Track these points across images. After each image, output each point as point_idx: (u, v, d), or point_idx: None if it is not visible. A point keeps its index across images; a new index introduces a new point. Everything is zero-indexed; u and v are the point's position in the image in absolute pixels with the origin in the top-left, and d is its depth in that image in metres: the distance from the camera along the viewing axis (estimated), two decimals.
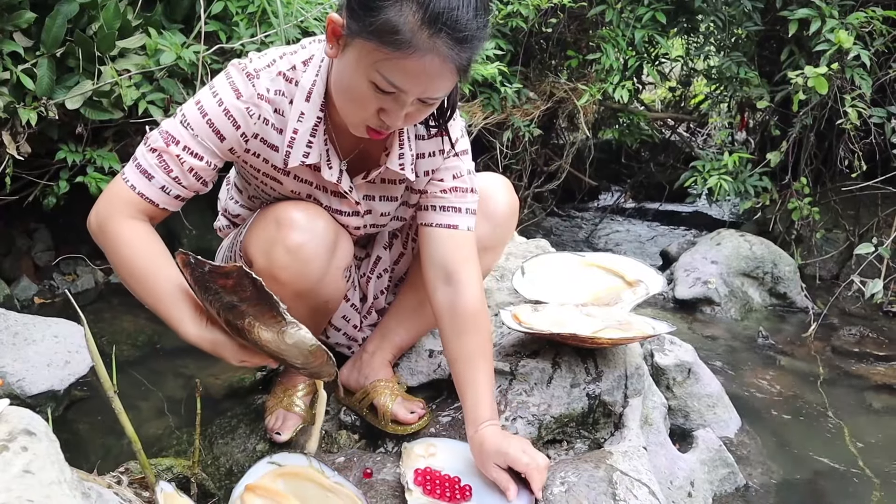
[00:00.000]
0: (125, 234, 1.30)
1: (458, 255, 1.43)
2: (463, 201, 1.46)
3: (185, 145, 1.30)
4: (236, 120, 1.31)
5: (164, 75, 2.39)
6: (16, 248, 2.88)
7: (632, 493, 1.38)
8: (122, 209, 1.30)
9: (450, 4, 1.08)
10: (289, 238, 1.36)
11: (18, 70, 2.15)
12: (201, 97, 1.32)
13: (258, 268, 1.41)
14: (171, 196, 1.33)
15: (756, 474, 1.88)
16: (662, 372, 1.96)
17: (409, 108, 1.19)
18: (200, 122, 1.30)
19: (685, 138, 4.94)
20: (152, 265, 1.28)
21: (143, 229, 1.31)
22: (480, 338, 1.42)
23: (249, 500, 1.32)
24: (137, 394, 2.08)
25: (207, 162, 1.32)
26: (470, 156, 1.49)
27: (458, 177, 1.46)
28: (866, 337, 2.83)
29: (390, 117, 1.20)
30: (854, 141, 3.08)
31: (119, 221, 1.30)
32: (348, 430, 1.66)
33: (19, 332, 1.96)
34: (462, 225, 1.45)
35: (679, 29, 3.82)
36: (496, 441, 1.34)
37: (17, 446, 0.98)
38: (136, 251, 1.29)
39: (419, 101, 1.19)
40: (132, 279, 1.30)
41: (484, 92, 3.39)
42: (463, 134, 1.47)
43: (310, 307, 1.46)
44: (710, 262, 3.14)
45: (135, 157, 1.33)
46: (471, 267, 1.44)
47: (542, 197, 4.32)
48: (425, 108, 1.21)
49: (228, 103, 1.30)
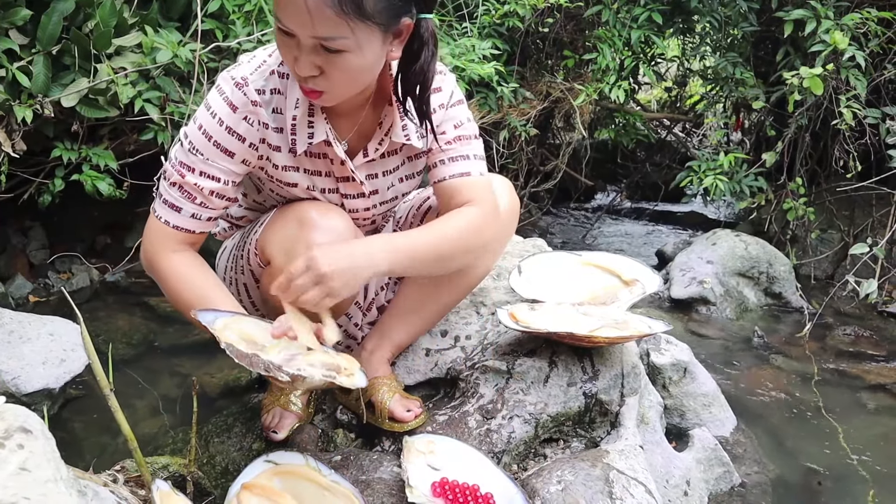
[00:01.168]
0: (171, 269, 1.38)
1: (472, 195, 1.42)
2: (469, 148, 1.44)
3: (201, 171, 1.34)
4: (240, 134, 1.33)
5: (160, 73, 2.38)
6: (10, 246, 2.87)
7: (628, 491, 1.39)
8: (164, 244, 1.38)
9: None
10: (312, 238, 1.36)
11: (14, 67, 2.14)
12: (201, 119, 1.34)
13: (276, 266, 1.42)
14: (204, 220, 1.39)
15: (751, 473, 1.89)
16: (659, 371, 1.96)
17: (312, 54, 1.17)
18: (207, 146, 1.33)
19: (681, 138, 4.95)
20: (198, 298, 1.35)
21: (187, 261, 1.38)
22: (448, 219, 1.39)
23: (246, 499, 1.32)
24: (133, 392, 2.08)
25: (225, 182, 1.36)
26: (466, 104, 1.47)
27: (460, 126, 1.44)
28: (861, 337, 2.84)
29: (298, 65, 1.20)
30: (849, 141, 3.09)
31: (164, 257, 1.38)
32: (345, 429, 1.66)
33: (14, 329, 1.95)
34: (474, 171, 1.43)
35: (675, 29, 3.83)
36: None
37: (14, 444, 0.98)
38: (183, 285, 1.37)
39: (322, 48, 1.16)
40: (183, 310, 1.37)
41: (480, 91, 3.39)
42: (455, 85, 1.46)
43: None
44: (705, 262, 3.15)
45: (160, 193, 1.39)
46: (484, 196, 1.42)
47: (539, 196, 4.32)
48: (333, 56, 1.17)
49: (228, 120, 1.32)
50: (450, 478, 1.38)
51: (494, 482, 1.39)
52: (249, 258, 1.51)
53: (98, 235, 3.11)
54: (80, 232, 3.05)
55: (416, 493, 1.32)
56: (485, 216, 1.42)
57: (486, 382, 1.61)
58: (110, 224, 3.11)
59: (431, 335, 1.76)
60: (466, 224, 1.39)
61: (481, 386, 1.61)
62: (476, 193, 1.42)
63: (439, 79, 1.41)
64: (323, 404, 1.73)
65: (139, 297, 2.76)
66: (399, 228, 1.65)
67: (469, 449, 1.47)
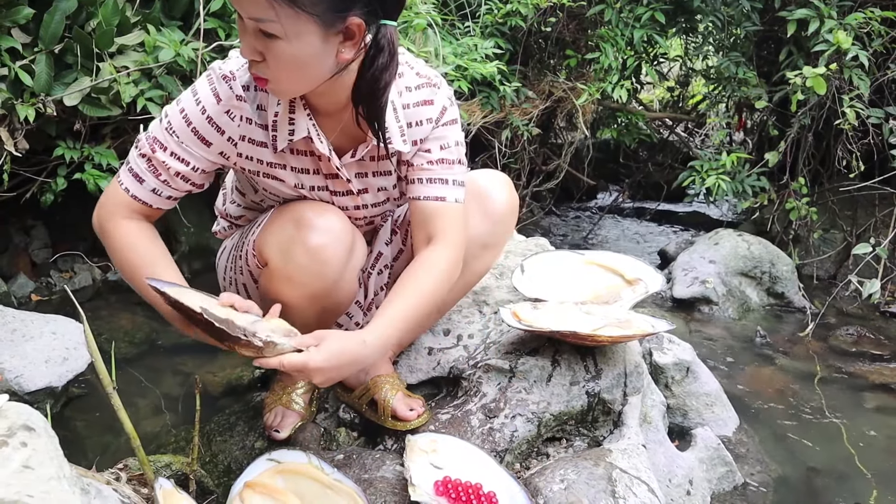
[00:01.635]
0: (121, 234, 1.38)
1: (443, 225, 1.42)
2: (450, 173, 1.43)
3: (172, 151, 1.35)
4: (220, 126, 1.34)
5: (162, 72, 2.38)
6: (13, 245, 2.87)
7: (631, 490, 1.38)
8: (118, 210, 1.38)
9: None
10: (309, 239, 1.36)
11: (16, 66, 2.14)
12: (185, 104, 1.34)
13: (273, 267, 1.42)
14: (163, 197, 1.39)
15: (754, 472, 1.89)
16: (661, 370, 1.96)
17: (252, 37, 1.17)
18: (185, 131, 1.34)
19: (683, 138, 4.94)
20: (143, 263, 1.36)
21: (137, 229, 1.38)
22: (421, 278, 1.38)
23: (248, 498, 1.32)
24: (135, 391, 2.08)
25: (194, 167, 1.37)
26: (459, 126, 1.46)
27: (446, 147, 1.43)
28: (863, 337, 2.84)
29: (242, 47, 1.21)
30: (852, 141, 3.09)
31: (116, 222, 1.38)
32: (347, 428, 1.66)
33: (17, 328, 1.95)
34: (450, 197, 1.43)
35: (678, 29, 3.82)
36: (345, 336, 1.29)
37: (17, 442, 0.98)
38: (130, 251, 1.37)
39: (260, 33, 1.16)
40: (127, 275, 1.39)
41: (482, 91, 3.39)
42: (452, 103, 1.44)
43: (322, 308, 1.47)
44: (707, 262, 3.14)
45: (128, 161, 1.40)
46: (452, 235, 1.43)
47: (541, 196, 4.32)
48: (269, 42, 1.16)
49: (210, 110, 1.33)
50: (452, 476, 1.38)
51: (497, 481, 1.39)
52: (248, 258, 1.51)
53: None
54: (83, 231, 3.05)
55: (418, 492, 1.32)
56: (451, 263, 1.42)
57: (489, 381, 1.61)
58: None
59: (434, 334, 1.76)
60: (435, 282, 1.39)
61: (484, 385, 1.61)
62: (446, 225, 1.42)
63: (429, 91, 1.40)
64: (325, 403, 1.73)
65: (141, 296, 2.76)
66: (397, 228, 1.65)
67: (472, 448, 1.47)
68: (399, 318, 1.34)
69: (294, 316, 1.50)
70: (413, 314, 1.36)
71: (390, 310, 1.34)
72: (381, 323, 1.32)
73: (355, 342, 1.27)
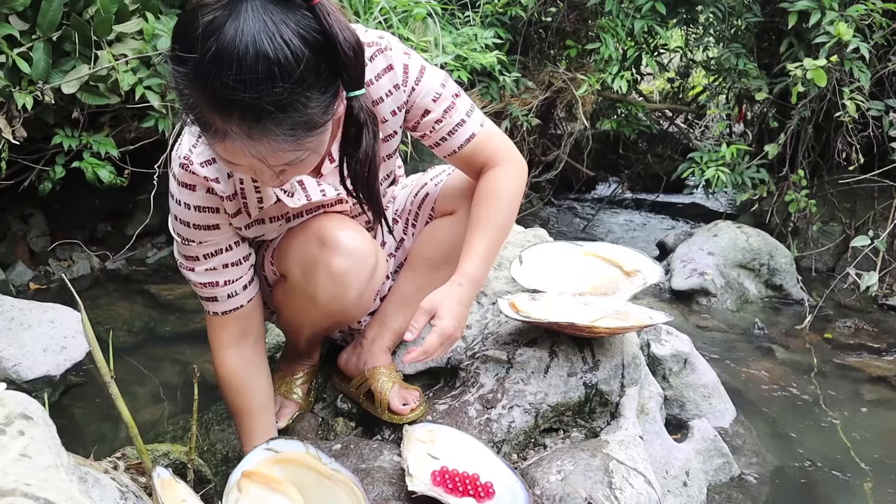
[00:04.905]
0: (220, 371, 1.47)
1: (489, 152, 1.42)
2: (458, 113, 1.40)
3: (204, 254, 1.36)
4: (210, 207, 1.33)
5: (161, 61, 2.37)
6: (11, 234, 2.87)
7: (627, 481, 1.39)
8: (219, 337, 1.45)
9: (228, 81, 0.97)
10: (333, 263, 1.36)
11: (14, 53, 2.13)
12: (174, 211, 1.34)
13: (294, 281, 1.43)
14: (241, 287, 1.41)
15: (750, 464, 1.89)
16: (659, 362, 1.96)
17: (278, 171, 1.11)
18: (193, 233, 1.34)
19: (683, 129, 4.94)
20: (237, 411, 1.50)
21: (238, 364, 1.46)
22: (489, 210, 1.40)
23: (246, 487, 1.32)
24: (133, 380, 2.08)
25: (227, 247, 1.38)
26: (430, 67, 1.39)
27: (438, 98, 1.38)
28: (861, 329, 2.84)
29: (263, 181, 1.16)
30: (852, 134, 3.08)
31: (219, 354, 1.46)
32: (345, 418, 1.66)
33: (15, 317, 1.95)
34: (476, 129, 1.41)
35: (678, 20, 3.81)
36: (441, 290, 1.37)
37: (15, 430, 0.98)
38: (229, 390, 1.48)
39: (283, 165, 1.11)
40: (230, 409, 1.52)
41: (482, 81, 3.38)
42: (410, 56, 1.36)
43: (336, 321, 1.51)
44: (706, 254, 3.14)
45: (198, 296, 1.43)
46: (501, 154, 1.43)
47: (540, 187, 4.32)
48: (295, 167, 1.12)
49: (193, 201, 1.31)
50: (450, 467, 1.38)
51: (494, 471, 1.39)
52: (264, 264, 1.51)
53: (98, 223, 3.11)
54: (81, 219, 3.05)
55: (415, 482, 1.32)
56: (512, 176, 1.43)
57: (487, 372, 1.61)
58: (111, 212, 3.11)
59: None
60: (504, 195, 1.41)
61: (482, 375, 1.61)
62: (490, 149, 1.42)
63: (383, 59, 1.32)
64: (323, 393, 1.74)
65: (140, 285, 2.77)
66: (398, 217, 1.64)
67: (469, 438, 1.47)
68: (482, 255, 1.39)
69: (306, 326, 1.53)
70: (494, 245, 1.41)
71: (474, 249, 1.39)
72: (469, 264, 1.38)
73: (457, 293, 1.36)
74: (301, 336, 1.60)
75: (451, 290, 1.36)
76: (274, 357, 1.85)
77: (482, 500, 1.33)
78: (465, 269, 1.38)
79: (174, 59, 1.01)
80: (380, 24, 2.78)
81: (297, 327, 1.57)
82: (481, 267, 1.39)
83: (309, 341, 1.63)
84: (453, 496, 1.32)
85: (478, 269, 1.39)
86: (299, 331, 1.58)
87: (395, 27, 2.79)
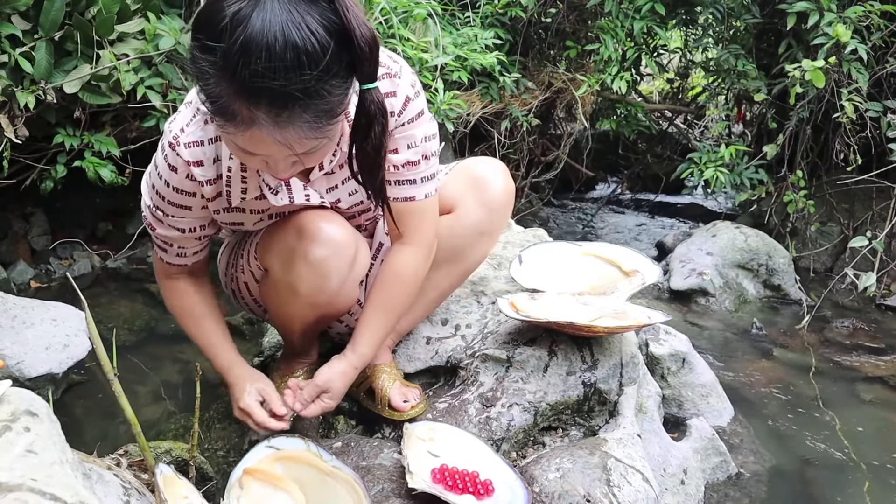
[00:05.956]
0: (169, 295, 1.54)
1: (414, 223, 1.45)
2: (417, 172, 1.40)
3: (168, 224, 1.39)
4: (187, 191, 1.34)
5: (162, 60, 2.38)
6: (12, 232, 2.88)
7: (626, 479, 1.40)
8: (162, 272, 1.52)
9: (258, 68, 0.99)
10: (311, 252, 1.36)
11: (16, 53, 2.14)
12: (153, 180, 1.35)
13: (275, 276, 1.44)
14: (190, 255, 1.46)
15: (748, 463, 1.90)
16: (657, 361, 1.98)
17: (292, 159, 1.15)
18: (164, 205, 1.36)
19: (682, 130, 4.94)
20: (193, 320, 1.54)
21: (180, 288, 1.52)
22: (391, 293, 1.48)
23: (248, 484, 1.33)
24: (135, 378, 2.09)
25: (192, 228, 1.41)
26: (428, 117, 1.40)
27: (413, 146, 1.38)
28: (859, 329, 2.85)
29: (277, 171, 1.19)
30: (850, 134, 3.09)
31: (164, 284, 1.54)
32: (346, 416, 1.67)
33: (18, 315, 1.96)
34: (419, 195, 1.42)
35: (678, 20, 3.82)
36: (335, 369, 1.46)
37: (20, 427, 0.99)
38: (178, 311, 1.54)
39: (301, 153, 1.13)
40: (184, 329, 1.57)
41: (482, 81, 3.39)
42: (418, 93, 1.37)
43: (322, 314, 1.50)
44: (705, 254, 3.15)
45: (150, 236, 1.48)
46: (421, 234, 1.46)
47: (540, 187, 4.32)
48: (310, 155, 1.15)
49: (172, 181, 1.32)
50: (449, 464, 1.39)
51: (493, 469, 1.40)
52: (249, 260, 1.52)
53: (100, 222, 3.12)
54: (82, 218, 3.06)
55: (416, 479, 1.34)
56: (419, 261, 1.48)
57: (486, 371, 1.62)
58: (112, 210, 3.12)
59: (432, 323, 1.77)
60: (405, 287, 1.49)
61: (481, 374, 1.62)
62: (416, 223, 1.45)
63: (389, 83, 1.31)
64: None
65: (141, 284, 2.77)
66: None
67: (469, 436, 1.48)
68: (378, 334, 1.50)
69: (294, 320, 1.53)
70: (390, 322, 1.51)
71: (371, 329, 1.48)
72: (363, 346, 1.48)
73: (350, 375, 1.48)
74: (293, 331, 1.60)
75: (345, 371, 1.47)
76: (274, 356, 1.86)
77: (482, 497, 1.34)
78: (360, 350, 1.48)
79: (200, 48, 1.03)
80: (380, 24, 2.79)
81: (286, 322, 1.58)
82: (374, 348, 1.50)
83: (302, 336, 1.62)
84: (453, 493, 1.33)
85: (371, 351, 1.49)
86: (289, 325, 1.58)
87: (396, 27, 2.80)
